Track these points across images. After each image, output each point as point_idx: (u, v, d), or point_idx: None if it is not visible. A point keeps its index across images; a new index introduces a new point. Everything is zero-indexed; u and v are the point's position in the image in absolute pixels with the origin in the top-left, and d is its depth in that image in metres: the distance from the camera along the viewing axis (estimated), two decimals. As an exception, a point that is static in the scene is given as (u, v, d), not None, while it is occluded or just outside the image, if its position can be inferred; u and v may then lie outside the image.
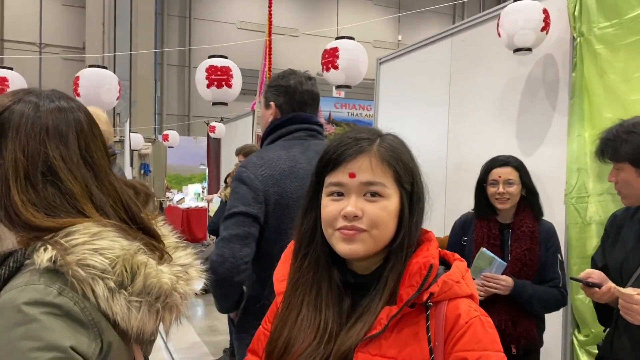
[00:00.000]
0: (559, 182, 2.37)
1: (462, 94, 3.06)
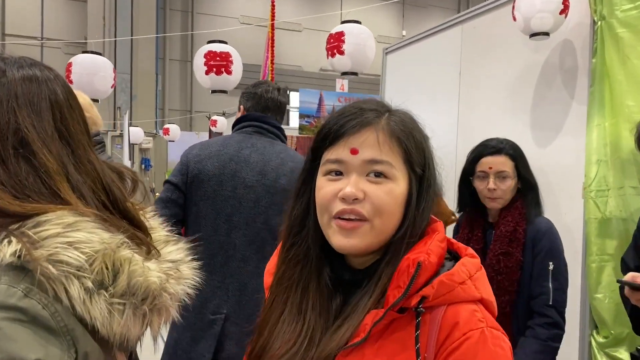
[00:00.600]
0: (577, 175, 2.24)
1: (473, 84, 2.93)
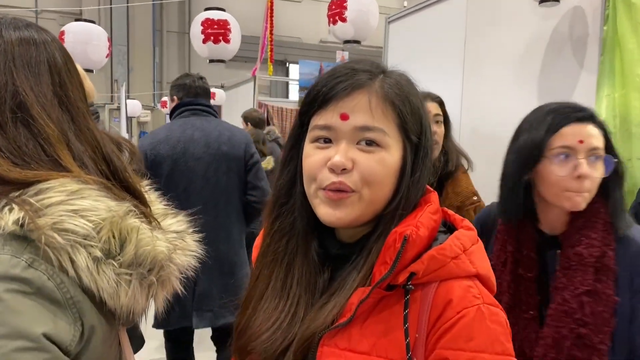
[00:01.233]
0: (584, 146, 2.18)
1: (478, 53, 2.85)
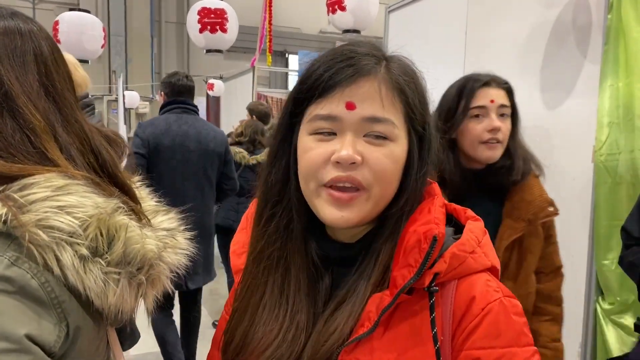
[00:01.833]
0: (587, 138, 2.15)
1: (480, 42, 2.81)
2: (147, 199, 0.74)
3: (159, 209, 0.73)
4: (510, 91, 1.51)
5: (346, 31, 2.49)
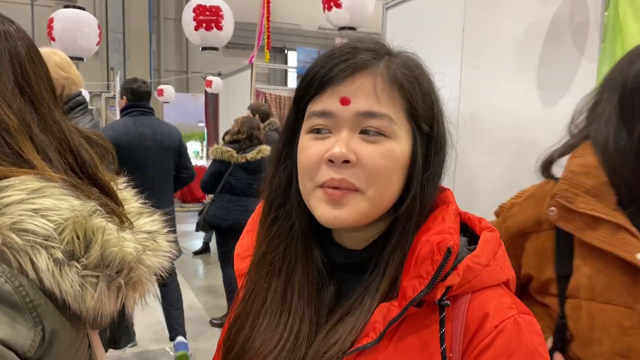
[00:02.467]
0: (584, 136, 2.15)
1: (477, 40, 2.80)
2: (131, 200, 0.73)
3: (143, 211, 0.72)
4: None
5: (342, 28, 2.47)
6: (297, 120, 0.65)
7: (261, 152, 3.74)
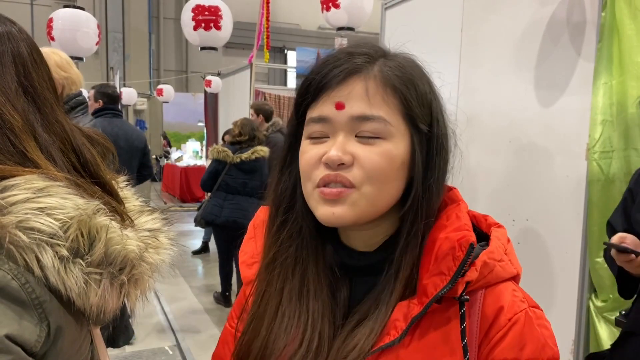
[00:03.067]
0: (581, 135, 2.16)
1: (475, 39, 2.81)
2: (131, 198, 0.74)
3: (144, 209, 0.73)
4: None
5: (340, 29, 2.48)
6: (298, 126, 0.66)
7: (256, 152, 3.86)
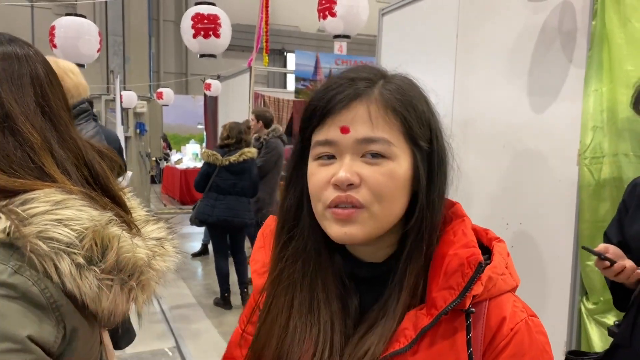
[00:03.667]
0: (572, 141, 2.20)
1: (470, 46, 2.85)
2: (137, 208, 0.79)
3: (149, 219, 0.78)
4: None
5: (337, 36, 2.53)
6: (303, 148, 0.70)
7: (243, 154, 4.07)
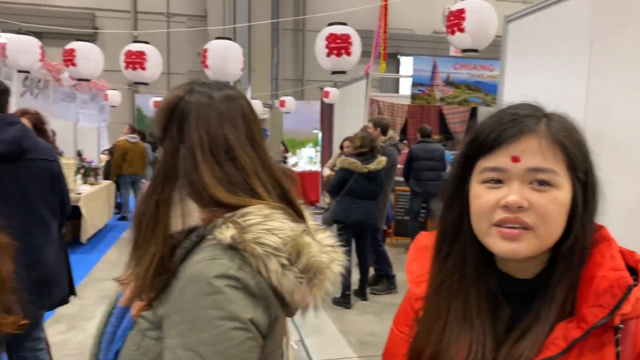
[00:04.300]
0: None
1: (607, 53, 2.71)
2: (309, 219, 0.95)
3: (318, 228, 0.94)
4: None
5: (465, 50, 2.57)
6: (465, 172, 0.78)
7: (380, 163, 4.50)
